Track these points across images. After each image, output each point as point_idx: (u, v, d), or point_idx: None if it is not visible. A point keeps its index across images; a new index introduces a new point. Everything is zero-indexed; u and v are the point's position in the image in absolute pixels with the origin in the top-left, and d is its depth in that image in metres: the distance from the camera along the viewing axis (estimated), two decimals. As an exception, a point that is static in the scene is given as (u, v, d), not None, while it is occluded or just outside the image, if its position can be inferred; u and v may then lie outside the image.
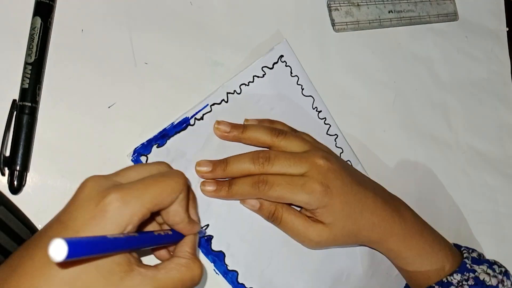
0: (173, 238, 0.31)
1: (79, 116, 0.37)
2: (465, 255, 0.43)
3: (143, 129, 0.39)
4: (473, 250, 0.44)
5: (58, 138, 0.36)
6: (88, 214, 0.26)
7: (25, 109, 0.34)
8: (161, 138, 0.38)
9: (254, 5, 0.46)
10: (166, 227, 0.33)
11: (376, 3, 0.53)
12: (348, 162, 0.47)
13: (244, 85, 0.43)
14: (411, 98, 0.54)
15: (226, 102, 0.42)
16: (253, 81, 0.43)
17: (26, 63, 0.35)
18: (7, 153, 0.34)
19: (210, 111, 0.41)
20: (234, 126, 0.40)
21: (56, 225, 0.26)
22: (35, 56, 0.35)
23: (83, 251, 0.22)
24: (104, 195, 0.26)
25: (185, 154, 0.39)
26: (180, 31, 0.42)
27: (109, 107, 0.38)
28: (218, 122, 0.40)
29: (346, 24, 0.50)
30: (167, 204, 0.29)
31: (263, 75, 0.44)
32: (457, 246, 0.45)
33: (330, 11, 0.50)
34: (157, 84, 0.40)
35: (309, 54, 0.48)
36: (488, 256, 0.45)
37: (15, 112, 0.34)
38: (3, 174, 0.34)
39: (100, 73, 0.38)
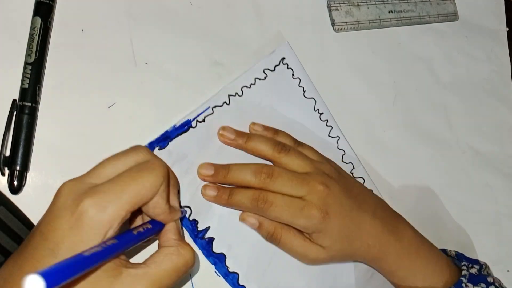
0: (154, 229, 0.30)
1: (79, 116, 0.37)
2: (463, 272, 0.42)
3: (143, 129, 0.38)
4: (474, 264, 0.43)
5: (58, 138, 0.36)
6: (66, 224, 0.25)
7: (25, 109, 0.34)
8: (163, 140, 0.38)
9: (254, 5, 0.46)
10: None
11: (376, 3, 0.53)
12: (350, 163, 0.47)
13: (245, 87, 0.43)
14: (411, 98, 0.54)
15: (228, 104, 0.42)
16: (254, 83, 0.43)
17: (26, 63, 0.35)
18: (7, 153, 0.34)
19: (212, 113, 0.41)
20: (238, 134, 0.40)
21: (37, 236, 0.26)
22: (35, 56, 0.35)
23: (62, 277, 0.21)
24: (78, 203, 0.25)
25: (187, 156, 0.39)
26: (180, 31, 0.42)
27: (109, 107, 0.38)
28: (223, 128, 0.40)
29: (346, 24, 0.50)
30: (147, 200, 0.28)
31: (265, 77, 0.44)
32: (459, 257, 0.44)
33: (330, 11, 0.50)
34: (157, 84, 0.40)
35: (309, 54, 0.48)
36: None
37: (15, 112, 0.34)
38: (3, 174, 0.34)
39: (100, 73, 0.38)
